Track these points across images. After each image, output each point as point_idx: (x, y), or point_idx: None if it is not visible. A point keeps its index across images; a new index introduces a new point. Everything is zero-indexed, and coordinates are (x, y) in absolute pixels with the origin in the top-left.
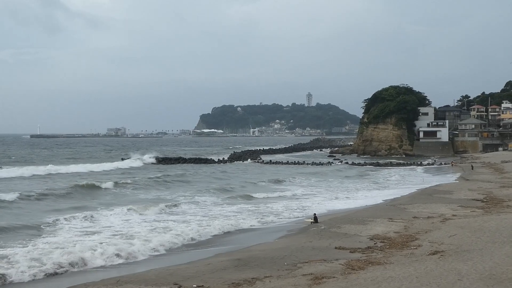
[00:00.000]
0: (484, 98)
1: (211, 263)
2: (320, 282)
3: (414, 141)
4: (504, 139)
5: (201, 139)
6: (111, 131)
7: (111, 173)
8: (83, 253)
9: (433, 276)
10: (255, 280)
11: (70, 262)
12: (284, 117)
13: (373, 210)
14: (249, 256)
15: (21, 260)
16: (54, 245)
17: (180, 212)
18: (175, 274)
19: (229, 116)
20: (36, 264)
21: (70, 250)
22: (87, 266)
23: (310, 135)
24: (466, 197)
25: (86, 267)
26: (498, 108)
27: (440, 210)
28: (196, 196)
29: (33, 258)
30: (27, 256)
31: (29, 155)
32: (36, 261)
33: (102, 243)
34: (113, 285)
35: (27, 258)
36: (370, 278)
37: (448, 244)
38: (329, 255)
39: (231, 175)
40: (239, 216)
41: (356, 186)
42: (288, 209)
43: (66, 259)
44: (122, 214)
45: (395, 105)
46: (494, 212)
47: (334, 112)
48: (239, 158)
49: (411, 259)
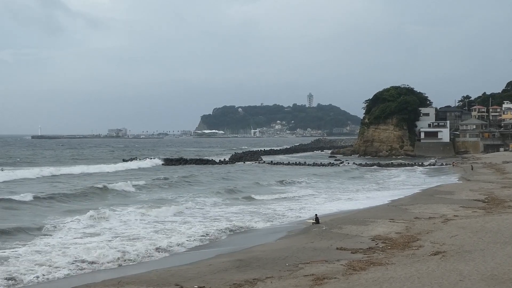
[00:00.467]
0: (485, 98)
1: (213, 264)
2: (321, 283)
3: (415, 141)
4: (505, 140)
5: (202, 140)
6: (112, 132)
7: (124, 173)
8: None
9: (435, 277)
10: (257, 281)
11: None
12: (285, 117)
13: (375, 210)
14: (251, 256)
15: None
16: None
17: (188, 214)
18: (176, 275)
19: (230, 117)
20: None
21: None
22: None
23: (311, 135)
24: (467, 198)
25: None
26: (499, 109)
27: (442, 210)
28: (206, 197)
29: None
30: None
31: (35, 156)
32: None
33: (102, 243)
34: (114, 286)
35: (43, 258)
36: (372, 279)
37: (449, 244)
38: (331, 255)
39: (234, 176)
40: (242, 217)
41: (356, 187)
42: (290, 210)
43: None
44: (141, 215)
45: (396, 106)
46: (495, 213)
47: (335, 113)
48: (240, 159)
49: (413, 259)
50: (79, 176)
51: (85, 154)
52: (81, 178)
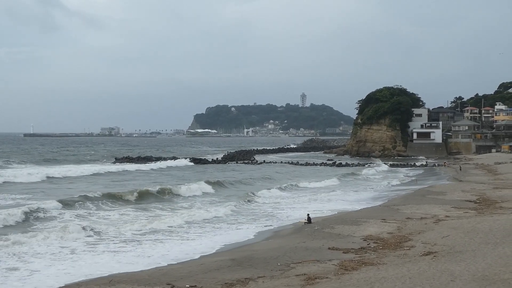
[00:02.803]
0: (477, 99)
1: (204, 263)
2: (313, 283)
3: (408, 142)
4: (497, 141)
5: (195, 139)
6: (105, 130)
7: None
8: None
9: (426, 277)
10: (248, 280)
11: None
12: (278, 117)
13: (366, 211)
14: (243, 256)
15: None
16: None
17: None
18: (168, 274)
19: (223, 116)
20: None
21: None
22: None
23: (304, 135)
24: (459, 198)
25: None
26: (492, 110)
27: (433, 211)
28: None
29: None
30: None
31: (54, 154)
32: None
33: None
34: (106, 285)
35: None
36: (363, 279)
37: (441, 245)
38: (322, 255)
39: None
40: (232, 217)
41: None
42: (281, 209)
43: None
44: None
45: (389, 106)
46: (487, 213)
47: (328, 113)
48: (232, 158)
49: (404, 259)
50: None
51: (103, 151)
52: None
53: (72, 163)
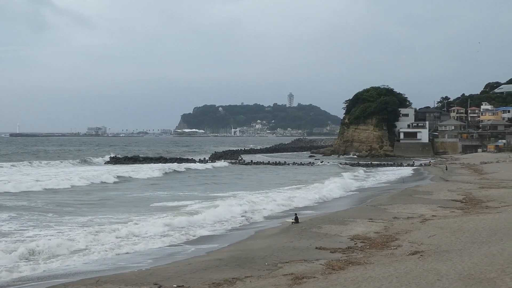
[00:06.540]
0: (463, 99)
1: (192, 263)
2: (300, 282)
3: (395, 142)
4: (483, 141)
5: (182, 139)
6: (92, 130)
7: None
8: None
9: (413, 276)
10: (236, 280)
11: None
12: (265, 117)
13: (354, 210)
14: (230, 256)
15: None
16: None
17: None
18: (155, 274)
19: (210, 116)
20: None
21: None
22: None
23: (291, 135)
24: (445, 198)
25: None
26: (478, 110)
27: (420, 210)
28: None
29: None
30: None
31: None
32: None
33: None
34: (92, 285)
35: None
36: (350, 278)
37: (427, 244)
38: (310, 255)
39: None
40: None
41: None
42: (269, 210)
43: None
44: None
45: (376, 106)
46: (473, 213)
47: (315, 113)
48: (219, 158)
49: (391, 259)
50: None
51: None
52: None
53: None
